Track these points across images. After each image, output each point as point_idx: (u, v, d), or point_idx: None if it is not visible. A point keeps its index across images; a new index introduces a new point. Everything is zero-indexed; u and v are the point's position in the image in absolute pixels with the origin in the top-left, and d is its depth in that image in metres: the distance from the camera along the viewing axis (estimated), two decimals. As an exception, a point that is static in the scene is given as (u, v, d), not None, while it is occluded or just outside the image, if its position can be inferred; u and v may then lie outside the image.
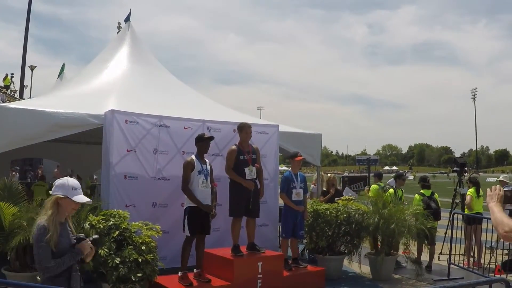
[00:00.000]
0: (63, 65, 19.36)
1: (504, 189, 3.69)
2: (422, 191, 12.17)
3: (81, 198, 4.34)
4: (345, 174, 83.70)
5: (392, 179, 23.61)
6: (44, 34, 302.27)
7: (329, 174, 13.69)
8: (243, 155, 9.04)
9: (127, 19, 13.66)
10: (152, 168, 9.51)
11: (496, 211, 3.46)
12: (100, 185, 10.88)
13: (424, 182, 12.44)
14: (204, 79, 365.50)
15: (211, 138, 8.96)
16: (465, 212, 11.91)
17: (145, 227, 7.80)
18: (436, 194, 12.37)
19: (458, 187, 12.98)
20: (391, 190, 12.33)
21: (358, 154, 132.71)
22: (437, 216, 11.56)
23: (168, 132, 9.68)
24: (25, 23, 31.82)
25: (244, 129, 9.18)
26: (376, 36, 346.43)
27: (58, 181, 4.38)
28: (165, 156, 9.66)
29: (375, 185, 13.89)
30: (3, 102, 25.36)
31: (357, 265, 10.79)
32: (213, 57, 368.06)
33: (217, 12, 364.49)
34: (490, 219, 9.41)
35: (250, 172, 8.98)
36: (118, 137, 9.07)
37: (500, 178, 13.54)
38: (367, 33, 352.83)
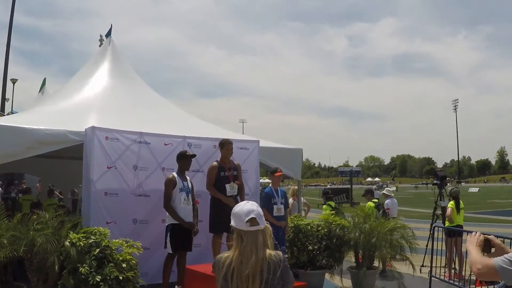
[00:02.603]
0: (44, 79, 19.22)
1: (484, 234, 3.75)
2: (374, 200, 13.59)
3: None
4: (328, 186, 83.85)
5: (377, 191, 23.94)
6: (25, 46, 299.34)
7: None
8: (224, 172, 9.08)
9: (108, 34, 13.65)
10: (133, 185, 9.49)
11: (473, 253, 3.50)
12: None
13: (371, 195, 13.83)
14: (186, 92, 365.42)
15: (193, 155, 9.02)
16: (446, 225, 12.04)
17: (126, 244, 7.78)
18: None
19: (438, 200, 13.11)
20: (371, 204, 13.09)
21: (340, 166, 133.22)
22: None
23: (148, 148, 9.68)
24: (7, 36, 31.60)
25: (225, 146, 9.22)
26: (357, 49, 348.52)
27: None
28: (145, 172, 9.65)
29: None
30: (-16, 116, 25.22)
31: (339, 279, 10.83)
32: (195, 70, 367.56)
33: (198, 24, 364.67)
34: (470, 232, 9.52)
35: (231, 188, 9.02)
36: (98, 154, 9.04)
37: (384, 192, 14.99)
38: (348, 45, 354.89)
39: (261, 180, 16.65)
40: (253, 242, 3.62)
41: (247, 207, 3.72)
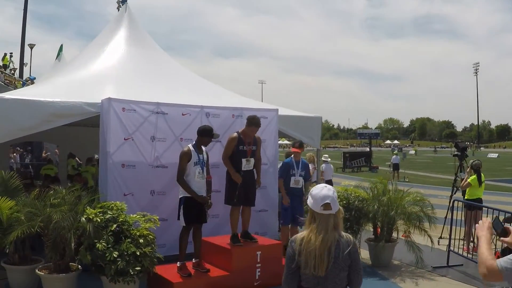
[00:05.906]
0: (61, 46, 19.21)
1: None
2: None
3: None
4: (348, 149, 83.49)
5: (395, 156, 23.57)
6: (40, 9, 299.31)
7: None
8: (243, 145, 8.87)
9: (124, 0, 13.47)
10: (150, 156, 9.44)
11: (483, 251, 3.36)
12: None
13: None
14: (203, 52, 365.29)
15: (217, 136, 8.83)
16: (466, 197, 11.89)
17: (143, 219, 7.75)
18: None
19: (458, 172, 12.93)
20: None
21: (359, 128, 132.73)
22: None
23: (165, 119, 9.58)
24: (24, 1, 31.60)
25: (251, 126, 8.95)
26: (376, 9, 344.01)
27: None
28: (163, 143, 9.59)
29: None
30: (2, 82, 25.29)
31: (357, 251, 10.78)
32: (212, 30, 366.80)
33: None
34: (490, 208, 9.24)
35: (247, 163, 8.83)
36: (115, 126, 8.97)
37: (322, 158, 16.34)
38: (367, 5, 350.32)
39: (279, 142, 16.67)
40: (323, 224, 3.83)
41: (324, 192, 3.88)
